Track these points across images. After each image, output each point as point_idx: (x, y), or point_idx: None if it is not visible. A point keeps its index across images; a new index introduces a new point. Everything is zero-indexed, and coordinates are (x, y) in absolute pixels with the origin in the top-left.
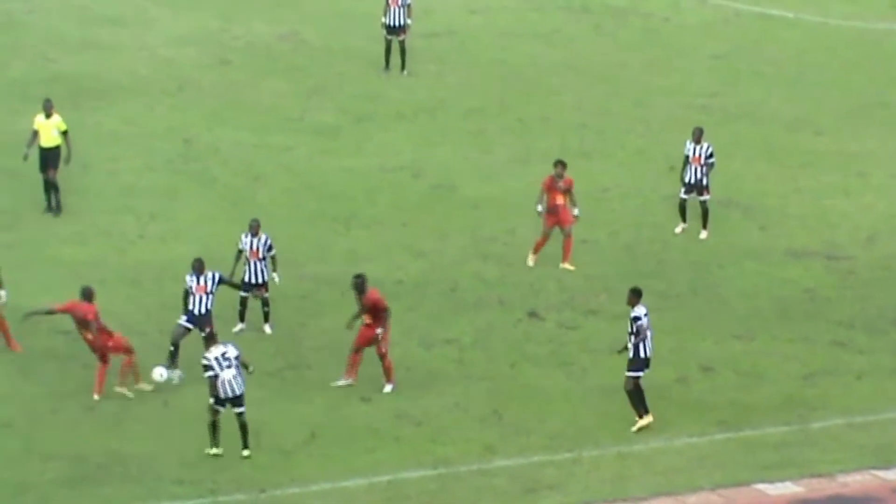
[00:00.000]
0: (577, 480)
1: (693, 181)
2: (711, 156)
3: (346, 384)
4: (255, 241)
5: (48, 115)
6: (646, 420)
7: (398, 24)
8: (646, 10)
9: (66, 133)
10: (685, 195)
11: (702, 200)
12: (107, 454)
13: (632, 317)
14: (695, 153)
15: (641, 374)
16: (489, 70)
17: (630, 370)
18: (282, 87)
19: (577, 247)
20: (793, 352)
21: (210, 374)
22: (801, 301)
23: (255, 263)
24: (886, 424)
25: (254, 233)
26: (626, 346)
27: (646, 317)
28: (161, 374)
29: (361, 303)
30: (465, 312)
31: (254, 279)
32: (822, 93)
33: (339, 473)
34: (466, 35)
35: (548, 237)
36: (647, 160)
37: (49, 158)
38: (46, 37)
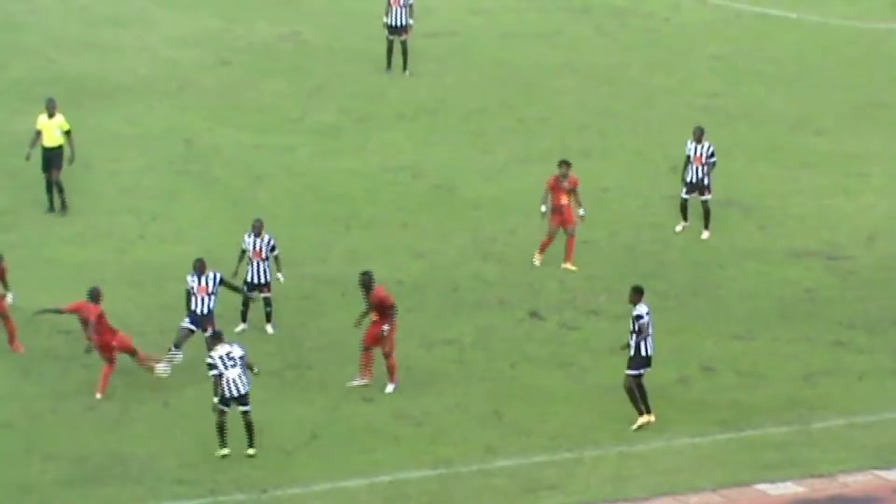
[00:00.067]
0: (578, 480)
1: (694, 181)
2: (713, 155)
3: (362, 384)
4: (258, 241)
5: (51, 115)
6: (645, 419)
7: (400, 24)
8: (646, 11)
9: (69, 133)
10: (686, 195)
11: (703, 200)
12: (107, 454)
13: (634, 315)
14: (696, 153)
15: (641, 373)
16: (490, 70)
17: (630, 368)
18: (283, 88)
19: (578, 247)
20: (793, 352)
21: (214, 373)
22: (802, 301)
23: (258, 263)
24: (887, 424)
25: (257, 233)
26: (628, 344)
27: (648, 315)
28: (165, 370)
29: (368, 300)
30: (466, 312)
31: (256, 279)
32: (823, 93)
33: (340, 473)
34: (467, 35)
35: (553, 237)
36: (648, 160)
37: (52, 158)
38: (47, 37)
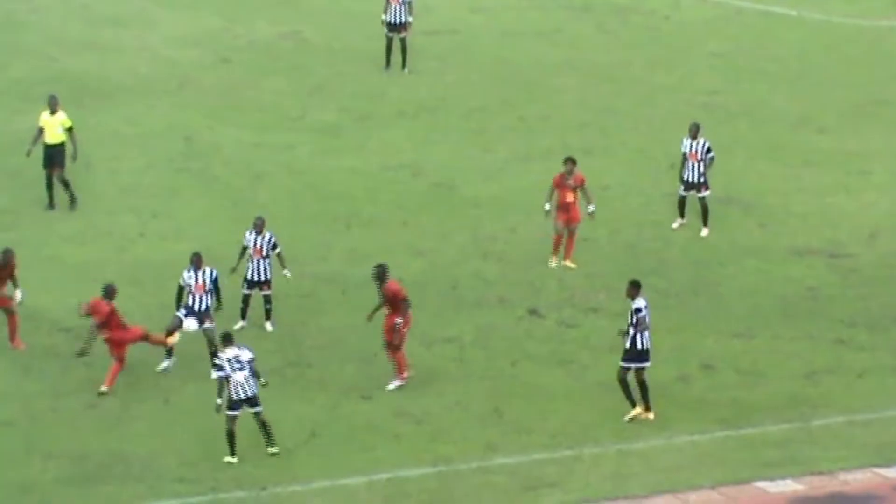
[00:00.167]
0: (578, 478)
1: (691, 178)
2: (709, 151)
3: (401, 384)
4: (259, 239)
5: (53, 112)
6: (637, 410)
7: (399, 22)
8: (647, 9)
9: (71, 130)
10: (684, 192)
11: (700, 197)
12: (108, 452)
13: (633, 308)
14: (692, 149)
15: (632, 366)
16: (490, 68)
17: (624, 360)
18: (283, 86)
19: (578, 245)
20: (794, 350)
21: (221, 375)
22: (803, 299)
23: (259, 261)
24: (888, 422)
25: (258, 230)
26: (627, 331)
27: (646, 309)
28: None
29: (381, 293)
30: (466, 311)
31: (256, 277)
32: (824, 91)
33: (340, 471)
34: (468, 33)
35: (562, 235)
36: (649, 158)
37: (53, 155)
38: (48, 36)
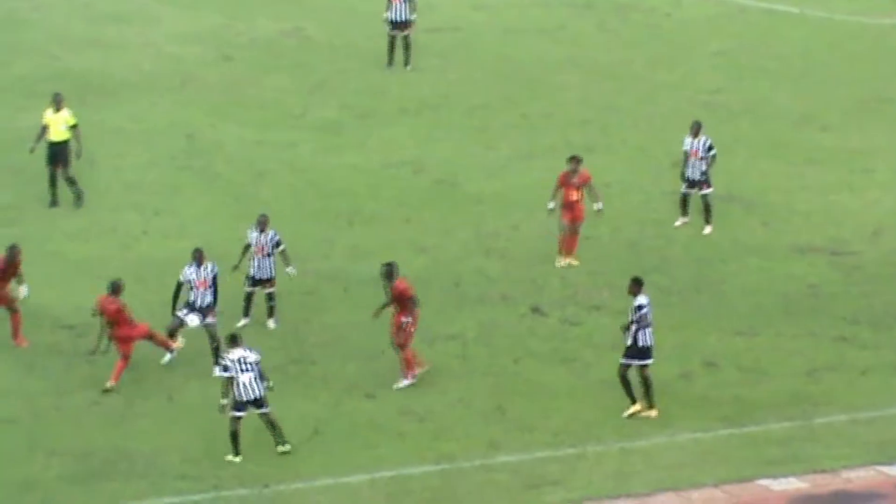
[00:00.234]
0: (580, 476)
1: (693, 176)
2: (711, 148)
3: (410, 383)
4: (262, 237)
5: (57, 109)
6: (637, 407)
7: (402, 19)
8: (649, 6)
9: (76, 127)
10: (687, 190)
11: (703, 195)
12: (111, 450)
13: (635, 305)
14: (693, 147)
15: (633, 363)
16: (493, 66)
17: (624, 357)
18: (285, 84)
19: (581, 242)
20: (797, 347)
21: (227, 375)
22: (806, 297)
23: (261, 259)
24: (891, 420)
25: (261, 228)
26: (628, 326)
27: (648, 306)
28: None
29: (389, 292)
30: (469, 308)
31: (259, 274)
32: (828, 88)
33: (342, 469)
34: (470, 31)
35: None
36: (651, 156)
37: (58, 153)
38: (51, 34)
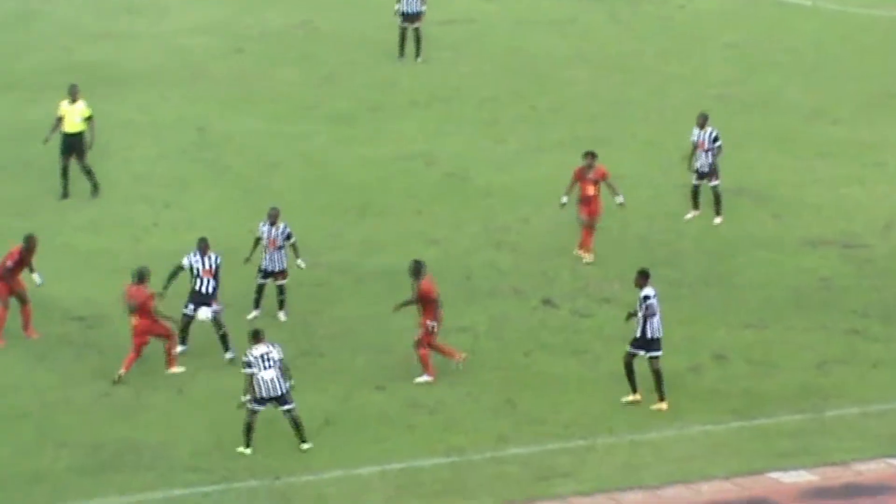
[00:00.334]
0: (591, 468)
1: (701, 167)
2: (717, 139)
3: (428, 380)
4: (273, 230)
5: (73, 101)
6: (636, 397)
7: (413, 11)
8: None
9: (91, 119)
10: (697, 182)
11: (712, 186)
12: (121, 442)
13: (641, 296)
14: (699, 139)
15: (639, 353)
16: (504, 58)
17: (631, 345)
18: (295, 76)
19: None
20: (807, 340)
21: (249, 372)
22: (817, 290)
23: (273, 252)
24: None
25: (272, 221)
26: (635, 314)
27: (655, 297)
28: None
29: (416, 289)
30: (479, 301)
31: (271, 267)
32: (839, 82)
33: (353, 461)
34: (481, 23)
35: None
36: (661, 149)
37: (72, 145)
38: (61, 27)
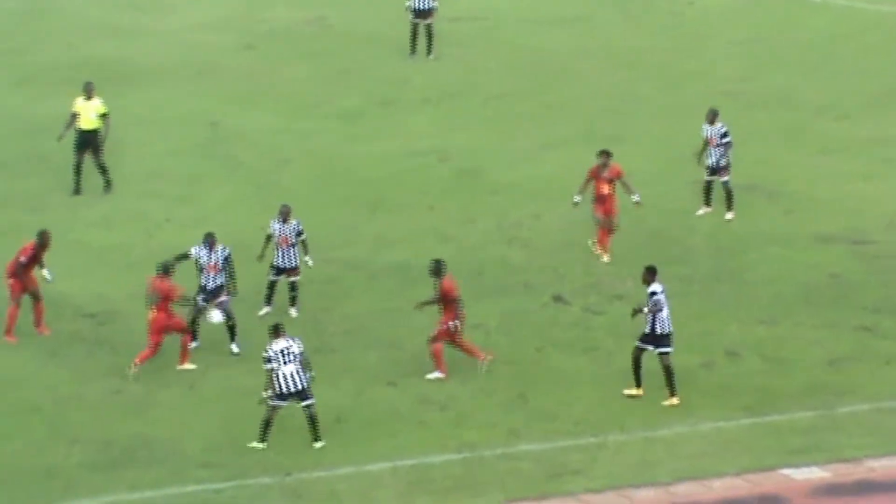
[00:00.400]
0: (602, 465)
1: (712, 163)
2: (726, 135)
3: (440, 376)
4: (285, 228)
5: (88, 98)
6: (638, 392)
7: (425, 8)
8: None
9: (106, 115)
10: (709, 177)
11: (723, 182)
12: (133, 438)
13: (649, 292)
14: (709, 135)
15: (648, 348)
16: (515, 55)
17: (640, 340)
18: (307, 72)
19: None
20: (819, 337)
21: (270, 367)
22: (827, 286)
23: (286, 249)
24: None
25: (283, 219)
26: (640, 310)
27: (662, 293)
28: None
29: (437, 288)
30: (491, 297)
31: (283, 263)
32: (849, 78)
33: (364, 457)
34: (492, 20)
35: (605, 226)
36: (672, 146)
37: (88, 141)
38: (72, 22)
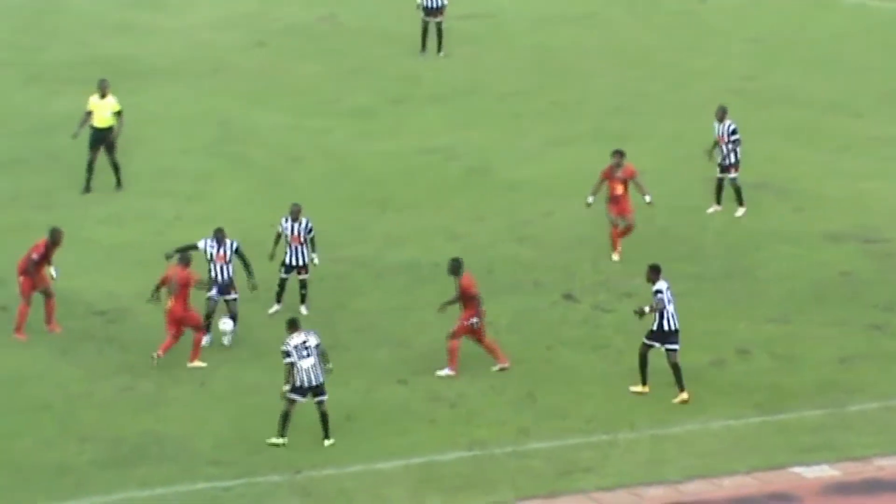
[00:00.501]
0: (613, 463)
1: (722, 160)
2: (734, 133)
3: (450, 373)
4: (296, 226)
5: (103, 96)
6: (644, 389)
7: (436, 6)
8: None
9: (120, 113)
10: (721, 174)
11: (730, 179)
12: (143, 435)
13: (654, 290)
14: (719, 133)
15: (655, 345)
16: (525, 52)
17: (647, 337)
18: (318, 70)
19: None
20: (829, 335)
21: (289, 361)
22: (838, 284)
23: (297, 247)
24: None
25: (294, 217)
26: (643, 310)
27: (668, 290)
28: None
29: (457, 286)
30: (501, 295)
31: (294, 261)
32: (860, 76)
33: (374, 455)
34: (501, 18)
35: (617, 225)
36: (682, 143)
37: (102, 139)
38: (85, 19)
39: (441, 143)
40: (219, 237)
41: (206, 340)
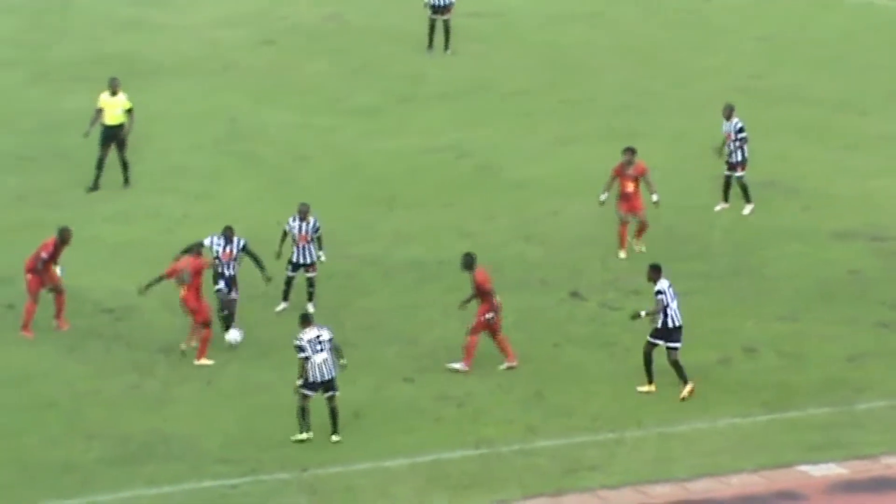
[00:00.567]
0: (620, 461)
1: (729, 158)
2: (741, 131)
3: (463, 369)
4: (304, 225)
5: (114, 93)
6: (651, 388)
7: (443, 4)
8: None
9: (131, 111)
10: (728, 172)
11: (737, 176)
12: (150, 433)
13: (655, 290)
14: (726, 131)
15: (659, 343)
16: (533, 50)
17: (651, 335)
18: (326, 68)
19: (616, 228)
20: (837, 333)
21: (302, 356)
22: (846, 282)
23: (304, 246)
24: None
25: (302, 217)
26: (638, 314)
27: (669, 289)
28: (235, 338)
29: (472, 282)
30: (508, 293)
31: (302, 260)
32: (868, 74)
33: (382, 453)
34: (510, 15)
35: (627, 223)
36: (690, 141)
37: (112, 137)
38: (94, 17)
39: (449, 142)
40: (227, 235)
41: (236, 336)
